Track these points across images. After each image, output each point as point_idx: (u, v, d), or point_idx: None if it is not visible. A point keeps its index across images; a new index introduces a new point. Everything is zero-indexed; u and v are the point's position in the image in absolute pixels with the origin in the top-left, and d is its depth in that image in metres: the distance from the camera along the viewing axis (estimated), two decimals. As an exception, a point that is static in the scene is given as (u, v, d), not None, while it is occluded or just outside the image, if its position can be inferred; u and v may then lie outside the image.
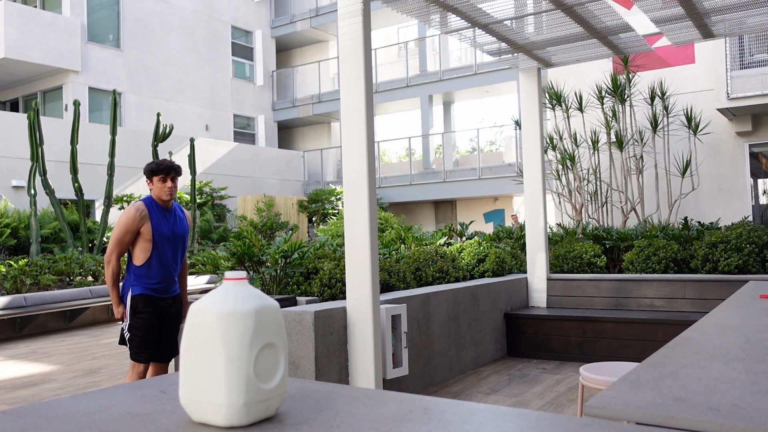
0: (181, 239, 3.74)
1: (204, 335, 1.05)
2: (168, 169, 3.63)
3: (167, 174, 3.62)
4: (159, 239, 3.59)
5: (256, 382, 1.04)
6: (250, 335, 1.04)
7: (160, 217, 3.62)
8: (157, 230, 3.58)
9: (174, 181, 3.65)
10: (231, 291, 1.08)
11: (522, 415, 1.10)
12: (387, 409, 1.13)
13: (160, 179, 3.61)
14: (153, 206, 3.63)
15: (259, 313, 1.07)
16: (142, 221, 3.56)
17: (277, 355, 1.10)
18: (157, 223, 3.59)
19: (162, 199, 3.64)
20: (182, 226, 3.75)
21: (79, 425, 1.06)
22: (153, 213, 3.60)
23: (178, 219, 3.74)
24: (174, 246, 3.69)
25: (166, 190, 3.62)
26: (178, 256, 3.74)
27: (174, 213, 3.74)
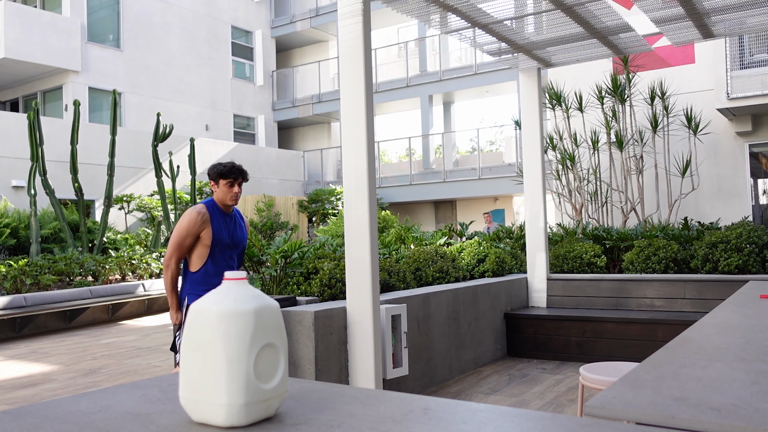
0: (240, 246, 3.55)
1: (204, 335, 1.05)
2: (237, 173, 3.44)
3: (236, 179, 3.43)
4: (218, 245, 3.40)
5: (256, 382, 1.04)
6: (250, 335, 1.04)
7: (221, 222, 3.43)
8: (217, 236, 3.39)
9: (240, 187, 3.47)
10: (231, 291, 1.08)
11: (522, 415, 1.10)
12: (387, 409, 1.13)
13: (227, 183, 3.41)
14: (215, 210, 3.43)
15: (259, 313, 1.07)
16: (203, 225, 3.37)
17: (277, 355, 1.10)
18: (218, 228, 3.40)
19: (225, 203, 3.45)
20: (242, 233, 3.56)
21: (79, 425, 1.06)
22: (215, 217, 3.41)
23: (237, 225, 3.55)
24: (233, 252, 3.51)
25: (231, 195, 3.42)
26: (235, 262, 3.56)
27: (234, 219, 3.55)
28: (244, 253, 3.68)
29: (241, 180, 3.46)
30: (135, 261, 11.35)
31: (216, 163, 3.49)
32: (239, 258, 3.60)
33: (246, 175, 3.51)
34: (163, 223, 14.24)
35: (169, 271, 3.43)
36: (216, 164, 3.48)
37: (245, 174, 3.51)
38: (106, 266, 10.77)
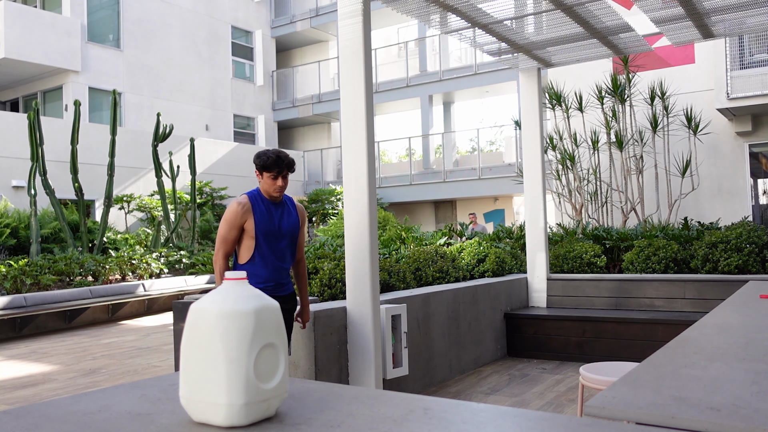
0: (290, 235, 3.30)
1: (204, 335, 1.04)
2: (282, 166, 3.17)
3: (279, 172, 3.17)
4: (263, 235, 3.20)
5: (256, 382, 1.04)
6: (250, 335, 1.04)
7: (265, 211, 3.21)
8: (260, 226, 3.18)
9: (285, 179, 3.21)
10: (231, 291, 1.08)
11: (522, 415, 1.10)
12: (387, 409, 1.13)
13: (271, 176, 3.18)
14: (258, 200, 3.22)
15: (259, 313, 1.07)
16: (245, 216, 3.17)
17: (277, 355, 1.10)
18: (261, 218, 3.19)
19: (272, 196, 3.23)
20: (292, 220, 3.31)
21: (79, 425, 1.06)
22: (257, 207, 3.20)
23: (287, 212, 3.30)
24: (282, 242, 3.26)
25: (276, 188, 3.19)
26: (287, 252, 3.30)
27: (283, 206, 3.31)
28: (297, 243, 3.37)
29: (287, 172, 3.20)
30: (135, 261, 11.35)
31: (261, 152, 3.21)
32: (292, 247, 3.33)
33: (293, 166, 3.23)
34: (163, 223, 14.24)
35: (217, 267, 3.27)
36: (260, 153, 3.20)
37: (291, 166, 3.22)
38: (106, 266, 10.77)
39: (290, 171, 3.21)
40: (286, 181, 3.21)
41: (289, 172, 3.21)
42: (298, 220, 3.34)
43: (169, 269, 12.30)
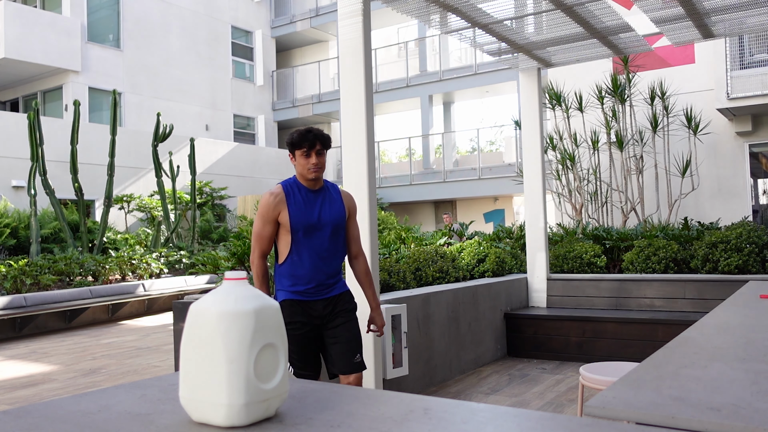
0: (334, 226, 2.88)
1: (204, 335, 1.04)
2: (312, 139, 2.79)
3: (311, 147, 2.79)
4: (300, 229, 2.80)
5: (256, 382, 1.04)
6: (250, 335, 1.04)
7: (301, 201, 2.83)
8: (295, 218, 2.80)
9: (320, 156, 2.81)
10: (231, 291, 1.08)
11: (522, 415, 1.10)
12: (387, 409, 1.13)
13: (303, 154, 2.79)
14: (293, 188, 2.85)
15: (259, 313, 1.06)
16: (278, 207, 2.81)
17: (278, 355, 1.10)
18: (297, 209, 2.82)
19: (306, 178, 2.83)
20: (335, 209, 2.90)
21: (79, 425, 1.06)
22: (291, 197, 2.83)
23: (329, 200, 2.90)
24: (324, 235, 2.85)
25: (310, 167, 2.79)
26: (332, 248, 2.89)
27: (325, 194, 2.90)
28: (344, 234, 2.94)
29: (320, 147, 2.81)
30: (135, 261, 11.35)
31: (292, 131, 2.89)
32: (337, 241, 2.91)
33: (327, 141, 2.84)
34: (163, 223, 14.24)
35: (254, 269, 2.90)
36: (291, 132, 2.89)
37: (325, 139, 2.83)
38: (106, 266, 10.77)
39: (325, 147, 2.82)
40: (322, 159, 2.81)
41: (324, 147, 2.82)
42: (344, 209, 2.91)
43: (169, 269, 12.31)
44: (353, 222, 2.98)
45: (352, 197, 3.00)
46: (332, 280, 2.90)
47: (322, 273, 2.86)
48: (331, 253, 2.88)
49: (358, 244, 3.01)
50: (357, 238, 3.01)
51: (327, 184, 2.94)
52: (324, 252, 2.85)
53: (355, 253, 3.00)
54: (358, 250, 3.01)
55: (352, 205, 2.98)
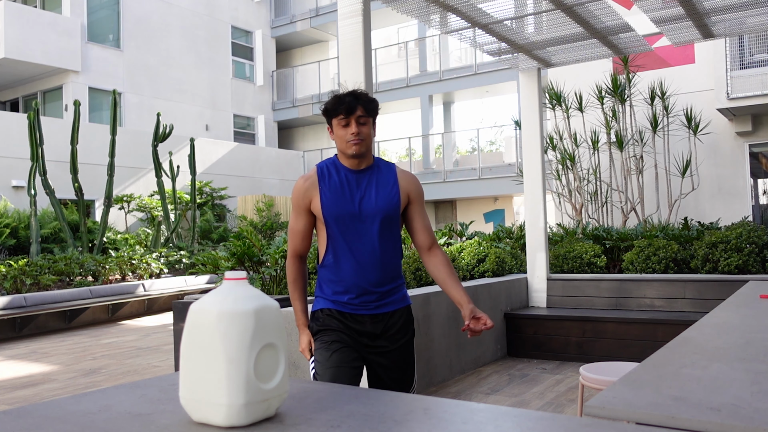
0: (383, 217, 2.19)
1: (204, 335, 1.05)
2: (351, 103, 2.13)
3: (349, 112, 2.13)
4: (333, 220, 2.17)
5: (256, 382, 1.04)
6: (250, 335, 1.04)
7: (337, 184, 2.19)
8: (328, 207, 2.17)
9: (363, 125, 2.15)
10: (231, 291, 1.08)
11: (522, 415, 1.10)
12: (387, 409, 1.13)
13: (340, 123, 2.16)
14: (330, 169, 2.22)
15: (259, 313, 1.06)
16: (309, 194, 2.20)
17: (278, 355, 1.10)
18: (331, 194, 2.17)
19: (346, 153, 2.17)
20: (385, 195, 2.21)
21: (79, 425, 1.06)
22: (326, 179, 2.20)
23: (377, 184, 2.22)
24: (368, 229, 2.18)
25: (349, 138, 2.14)
26: (380, 245, 2.19)
27: (373, 175, 2.23)
28: (398, 228, 2.28)
29: (361, 114, 2.14)
30: (135, 261, 11.35)
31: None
32: (384, 235, 2.19)
33: (371, 104, 2.18)
34: (163, 223, 14.24)
35: (288, 272, 2.32)
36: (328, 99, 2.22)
37: (368, 102, 2.17)
38: (106, 266, 10.77)
39: (369, 112, 2.16)
40: (365, 128, 2.14)
41: (368, 114, 2.15)
42: (399, 194, 2.22)
43: (169, 269, 12.31)
44: (418, 210, 2.27)
45: (414, 179, 2.29)
46: (381, 289, 2.20)
47: (365, 280, 2.17)
48: (379, 254, 2.17)
49: (429, 235, 2.27)
50: (427, 228, 2.28)
51: (379, 162, 2.26)
52: (367, 252, 2.17)
53: (428, 244, 2.26)
54: (430, 241, 2.26)
55: (415, 189, 2.26)
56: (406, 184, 2.26)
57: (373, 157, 2.26)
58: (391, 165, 2.29)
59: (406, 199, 2.25)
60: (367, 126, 2.16)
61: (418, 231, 2.29)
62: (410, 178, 2.29)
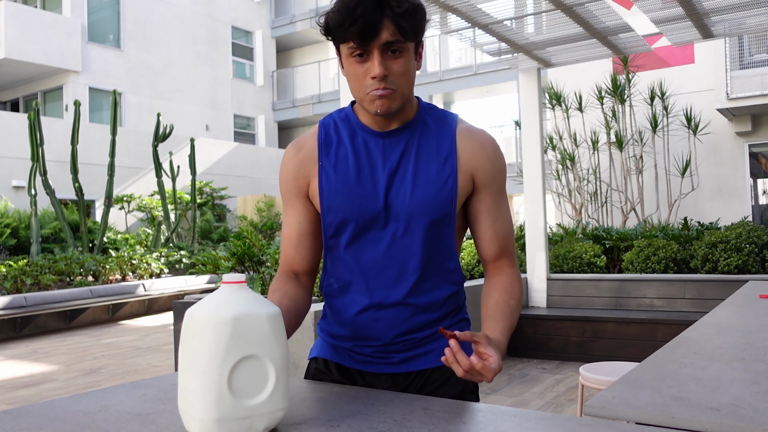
0: (421, 221, 1.26)
1: (185, 342, 0.99)
2: (366, 20, 1.14)
3: (365, 36, 1.16)
4: (340, 224, 1.29)
5: (230, 398, 0.96)
6: (224, 345, 0.95)
7: (349, 159, 1.29)
8: (329, 200, 1.29)
9: (394, 58, 1.19)
10: (224, 296, 1.00)
11: (522, 415, 1.10)
12: (387, 409, 1.13)
13: (351, 53, 1.20)
14: (340, 130, 1.33)
15: (238, 321, 0.96)
16: (303, 172, 1.33)
17: (264, 369, 0.99)
18: (337, 178, 1.29)
19: (367, 109, 1.24)
20: (429, 179, 1.27)
21: (79, 425, 1.06)
22: (330, 150, 1.32)
23: (416, 158, 1.28)
24: (399, 238, 1.27)
25: (369, 85, 1.20)
26: (420, 263, 1.29)
27: (414, 139, 1.29)
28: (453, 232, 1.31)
29: (392, 35, 1.17)
30: (135, 261, 11.35)
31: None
32: (428, 246, 1.28)
33: (409, 16, 1.17)
34: (164, 223, 14.24)
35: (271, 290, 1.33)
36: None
37: (404, 13, 1.16)
38: (106, 266, 10.77)
39: (407, 32, 1.19)
40: (402, 62, 1.20)
41: (406, 34, 1.19)
42: (455, 176, 1.28)
43: (170, 269, 12.31)
44: (487, 201, 1.32)
45: (488, 145, 1.32)
46: (417, 335, 1.32)
47: (387, 328, 1.31)
48: (413, 284, 1.29)
49: (498, 242, 1.33)
50: (497, 231, 1.33)
51: (426, 112, 1.33)
52: (393, 280, 1.29)
53: (493, 254, 1.34)
54: (497, 251, 1.34)
55: (485, 165, 1.30)
56: (471, 154, 1.29)
57: (417, 104, 1.32)
58: (447, 118, 1.33)
59: (470, 183, 1.29)
60: (404, 58, 1.20)
61: (483, 236, 1.33)
62: (480, 143, 1.31)
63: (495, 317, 1.25)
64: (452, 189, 1.28)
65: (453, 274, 1.35)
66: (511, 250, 1.35)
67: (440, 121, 1.33)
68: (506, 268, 1.34)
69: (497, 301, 1.28)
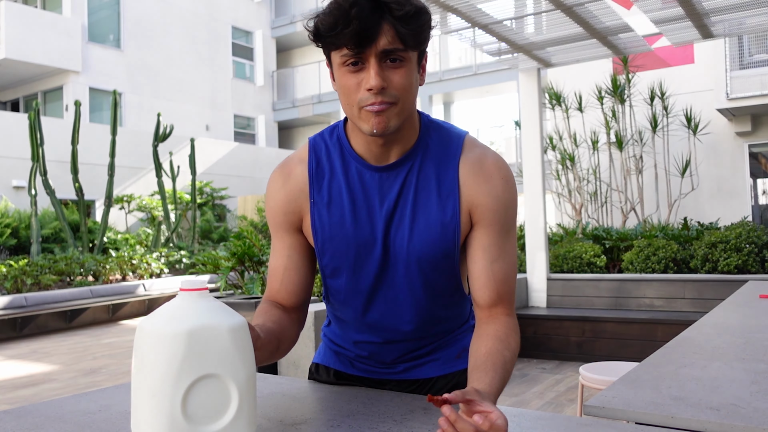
0: (421, 263, 1.16)
1: (136, 359, 0.87)
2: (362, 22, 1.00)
3: (358, 43, 1.02)
4: (336, 267, 1.19)
5: (184, 423, 0.83)
6: (177, 363, 0.82)
7: (342, 194, 1.15)
8: (323, 240, 1.17)
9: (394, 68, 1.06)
10: (178, 305, 0.87)
11: (522, 415, 1.10)
12: (387, 409, 1.13)
13: (343, 61, 1.06)
14: (332, 158, 1.18)
15: (193, 335, 0.83)
16: (294, 205, 1.19)
17: (226, 390, 0.86)
18: (330, 215, 1.16)
19: (360, 127, 1.09)
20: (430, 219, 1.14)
21: (80, 425, 1.07)
22: (322, 182, 1.17)
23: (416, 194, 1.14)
24: (400, 280, 1.18)
25: (364, 98, 1.05)
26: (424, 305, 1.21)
27: (414, 171, 1.15)
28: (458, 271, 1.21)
29: (392, 41, 1.02)
30: (135, 261, 11.36)
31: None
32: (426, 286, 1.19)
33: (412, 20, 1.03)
34: (164, 223, 14.25)
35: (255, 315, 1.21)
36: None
37: (408, 16, 1.02)
38: (106, 266, 10.78)
39: (410, 39, 1.05)
40: (404, 72, 1.08)
41: (408, 41, 1.04)
42: (458, 216, 1.15)
43: (170, 269, 12.31)
44: (484, 239, 1.16)
45: (498, 176, 1.16)
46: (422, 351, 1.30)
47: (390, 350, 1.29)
48: (415, 326, 1.24)
49: (494, 287, 1.16)
50: (495, 274, 1.16)
51: (428, 136, 1.20)
52: (394, 323, 1.24)
53: (488, 301, 1.16)
54: (492, 298, 1.16)
55: (487, 200, 1.15)
56: (474, 189, 1.14)
57: (420, 123, 1.19)
58: (452, 143, 1.18)
59: (468, 219, 1.16)
60: (405, 69, 1.07)
61: (477, 276, 1.16)
62: (485, 176, 1.15)
63: (485, 368, 1.04)
64: (455, 229, 1.15)
65: (458, 305, 1.28)
66: (510, 298, 1.18)
67: (444, 146, 1.17)
68: (502, 317, 1.16)
69: (489, 350, 1.08)
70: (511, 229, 1.18)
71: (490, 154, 1.18)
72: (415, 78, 1.12)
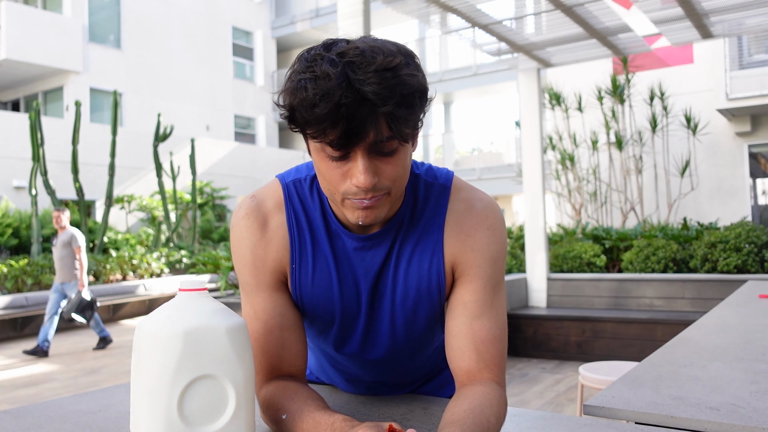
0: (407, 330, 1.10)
1: (135, 359, 0.88)
2: (350, 118, 0.83)
3: (348, 140, 0.85)
4: (313, 321, 1.10)
5: (181, 424, 0.83)
6: (174, 363, 0.83)
7: (327, 265, 1.05)
8: (308, 302, 1.07)
9: (387, 159, 0.90)
10: (176, 305, 0.87)
11: (522, 414, 1.10)
12: (387, 409, 1.13)
13: (326, 151, 0.89)
14: (313, 223, 1.05)
15: (190, 335, 0.83)
16: (275, 265, 1.05)
17: (224, 390, 0.86)
18: (314, 283, 1.05)
19: (342, 211, 0.96)
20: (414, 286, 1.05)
21: (80, 425, 1.07)
22: (304, 248, 1.05)
23: (397, 262, 1.05)
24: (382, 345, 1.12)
25: (350, 191, 0.91)
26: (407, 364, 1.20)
27: (398, 239, 1.05)
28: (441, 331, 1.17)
29: (381, 134, 0.86)
30: (136, 261, 11.36)
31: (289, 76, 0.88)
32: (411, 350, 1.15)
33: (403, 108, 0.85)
34: (164, 223, 14.25)
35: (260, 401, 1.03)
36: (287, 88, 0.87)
37: (400, 104, 0.84)
38: (106, 266, 10.78)
39: (402, 129, 0.87)
40: (397, 161, 0.91)
41: (401, 132, 0.87)
42: (442, 278, 1.05)
43: (170, 269, 12.31)
44: (472, 292, 1.03)
45: (483, 229, 1.06)
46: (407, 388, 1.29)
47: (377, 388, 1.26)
48: (397, 381, 1.24)
49: (478, 354, 1.00)
50: (483, 333, 1.01)
51: (414, 197, 1.06)
52: (379, 383, 1.23)
53: (469, 367, 1.01)
54: (478, 362, 1.00)
55: (472, 255, 1.04)
56: (457, 244, 1.05)
57: (407, 191, 1.05)
58: (440, 197, 1.07)
59: (452, 277, 1.07)
60: (399, 156, 0.92)
61: (455, 335, 1.03)
62: (468, 231, 1.05)
63: (463, 422, 0.85)
64: (440, 289, 1.05)
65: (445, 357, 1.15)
66: (498, 362, 1.00)
67: (431, 201, 1.05)
68: (490, 382, 0.98)
69: (473, 408, 0.89)
70: (497, 285, 1.04)
71: (477, 203, 1.07)
72: (409, 158, 0.95)
